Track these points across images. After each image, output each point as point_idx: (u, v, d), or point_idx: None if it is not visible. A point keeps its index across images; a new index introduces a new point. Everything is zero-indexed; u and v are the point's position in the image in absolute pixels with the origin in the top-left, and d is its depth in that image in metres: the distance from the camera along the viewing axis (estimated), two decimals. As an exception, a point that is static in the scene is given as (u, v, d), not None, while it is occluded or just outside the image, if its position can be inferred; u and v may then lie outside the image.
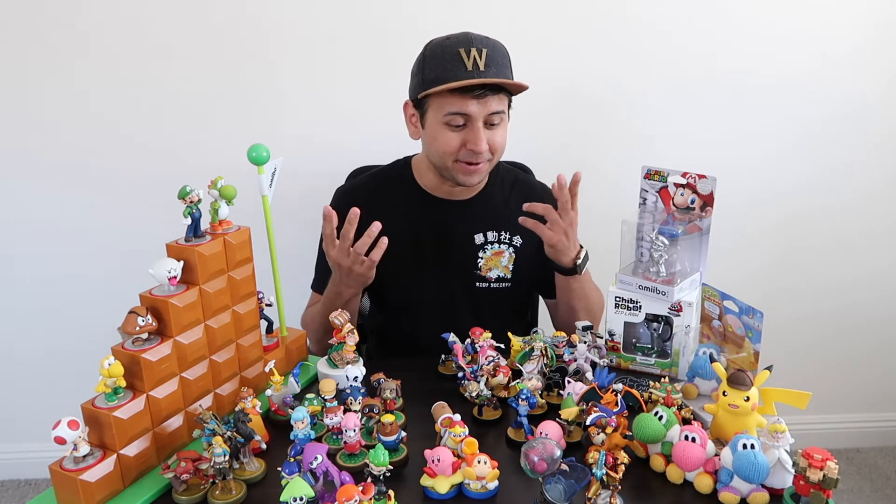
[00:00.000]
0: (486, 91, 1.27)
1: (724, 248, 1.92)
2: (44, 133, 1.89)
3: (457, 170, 1.36)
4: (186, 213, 1.03)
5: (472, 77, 1.25)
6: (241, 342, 1.13)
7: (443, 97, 1.29)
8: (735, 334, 1.17)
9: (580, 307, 1.42)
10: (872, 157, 2.05)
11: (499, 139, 1.34)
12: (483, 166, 1.36)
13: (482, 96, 1.27)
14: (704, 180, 1.22)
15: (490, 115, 1.30)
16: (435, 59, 1.31)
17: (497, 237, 1.46)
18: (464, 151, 1.32)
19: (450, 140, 1.32)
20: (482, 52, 1.27)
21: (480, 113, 1.29)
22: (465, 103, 1.28)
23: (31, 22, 1.80)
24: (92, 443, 0.91)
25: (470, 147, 1.31)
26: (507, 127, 1.38)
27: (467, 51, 1.27)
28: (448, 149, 1.33)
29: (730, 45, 1.92)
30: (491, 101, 1.29)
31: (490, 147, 1.33)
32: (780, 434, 0.93)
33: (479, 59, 1.26)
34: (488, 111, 1.29)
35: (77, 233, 1.97)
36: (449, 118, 1.30)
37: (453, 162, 1.35)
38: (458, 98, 1.28)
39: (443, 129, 1.32)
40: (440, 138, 1.33)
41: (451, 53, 1.28)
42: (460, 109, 1.29)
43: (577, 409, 1.04)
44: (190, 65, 1.85)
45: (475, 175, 1.37)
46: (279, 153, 1.19)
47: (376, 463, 0.89)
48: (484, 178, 1.44)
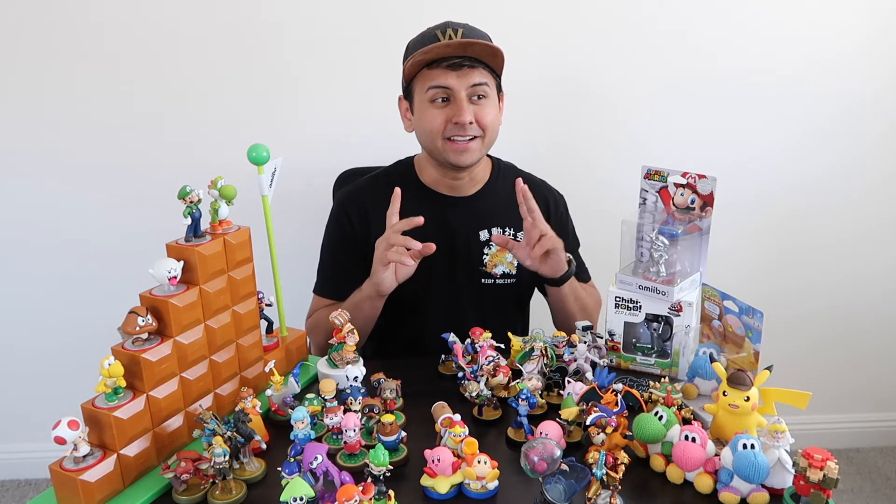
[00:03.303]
0: (464, 62, 1.29)
1: (724, 248, 1.92)
2: (44, 133, 1.89)
3: (447, 149, 1.36)
4: (186, 213, 1.03)
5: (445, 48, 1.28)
6: (241, 342, 1.13)
7: (423, 75, 1.32)
8: (735, 334, 1.17)
9: (574, 310, 1.42)
10: (872, 157, 2.05)
11: (488, 116, 1.35)
12: (473, 144, 1.35)
13: (458, 67, 1.29)
14: (704, 180, 1.22)
15: (473, 88, 1.32)
16: (414, 44, 1.35)
17: (502, 233, 1.46)
18: (450, 126, 1.33)
19: (435, 117, 1.33)
20: (458, 30, 1.29)
21: (461, 85, 1.31)
22: (444, 75, 1.30)
23: (32, 22, 1.80)
24: (92, 443, 0.91)
25: (455, 120, 1.32)
26: (498, 108, 1.39)
27: (443, 31, 1.30)
28: (434, 126, 1.34)
29: (730, 44, 1.92)
30: (471, 73, 1.31)
31: (478, 122, 1.33)
32: (780, 434, 0.93)
33: (455, 35, 1.29)
34: (470, 83, 1.31)
35: (77, 232, 1.97)
36: (431, 93, 1.32)
37: (443, 141, 1.35)
38: (435, 71, 1.31)
39: (428, 108, 1.34)
40: (426, 117, 1.35)
41: (429, 35, 1.32)
42: (439, 82, 1.31)
43: (577, 409, 1.04)
44: (190, 65, 1.85)
45: (466, 154, 1.36)
46: (279, 153, 1.19)
47: (376, 463, 0.89)
48: (479, 163, 1.43)
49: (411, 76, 1.37)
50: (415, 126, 1.41)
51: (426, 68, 1.33)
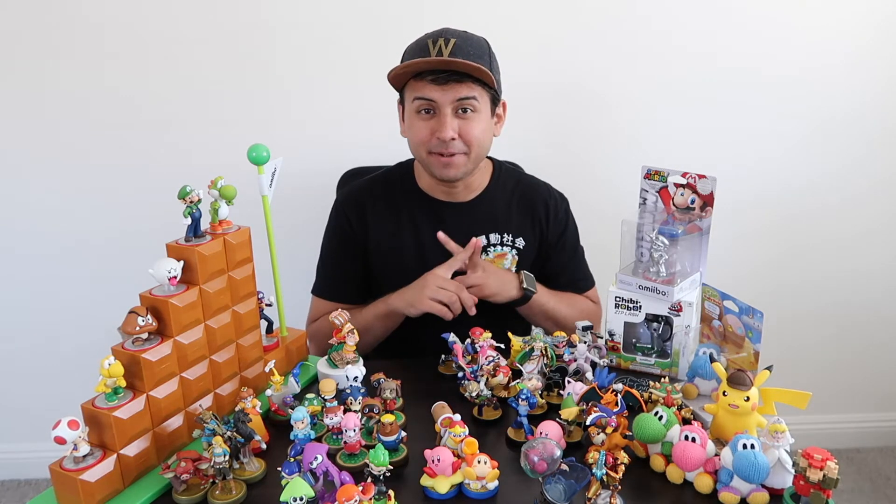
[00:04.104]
0: (449, 77, 1.26)
1: (724, 248, 1.92)
2: (44, 133, 1.89)
3: (431, 163, 1.35)
4: (186, 213, 1.03)
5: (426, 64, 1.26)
6: (241, 342, 1.13)
7: (411, 85, 1.31)
8: (735, 334, 1.17)
9: (559, 317, 1.42)
10: (872, 157, 2.05)
11: (474, 131, 1.31)
12: (457, 159, 1.33)
13: (443, 81, 1.27)
14: (704, 180, 1.22)
15: (459, 102, 1.29)
16: (407, 53, 1.33)
17: (500, 239, 1.46)
18: (434, 141, 1.31)
19: (420, 129, 1.32)
20: (450, 41, 1.26)
21: (446, 99, 1.28)
22: (427, 88, 1.28)
23: (32, 22, 1.80)
24: (92, 443, 0.91)
25: (437, 135, 1.29)
26: (492, 121, 1.37)
27: (435, 40, 1.27)
28: (418, 137, 1.33)
29: (730, 44, 1.92)
30: (458, 87, 1.27)
31: (463, 138, 1.31)
32: (780, 434, 0.93)
33: (445, 47, 1.26)
34: (455, 97, 1.28)
35: (77, 232, 1.97)
36: (416, 104, 1.31)
37: (427, 154, 1.34)
38: (420, 83, 1.29)
39: (415, 119, 1.33)
40: (413, 128, 1.34)
41: (421, 44, 1.29)
42: (423, 94, 1.29)
43: (577, 409, 1.04)
44: (190, 65, 1.85)
45: (449, 168, 1.34)
46: (279, 153, 1.19)
47: (376, 463, 0.89)
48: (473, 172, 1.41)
49: (401, 84, 1.35)
50: (406, 135, 1.40)
51: (413, 78, 1.31)
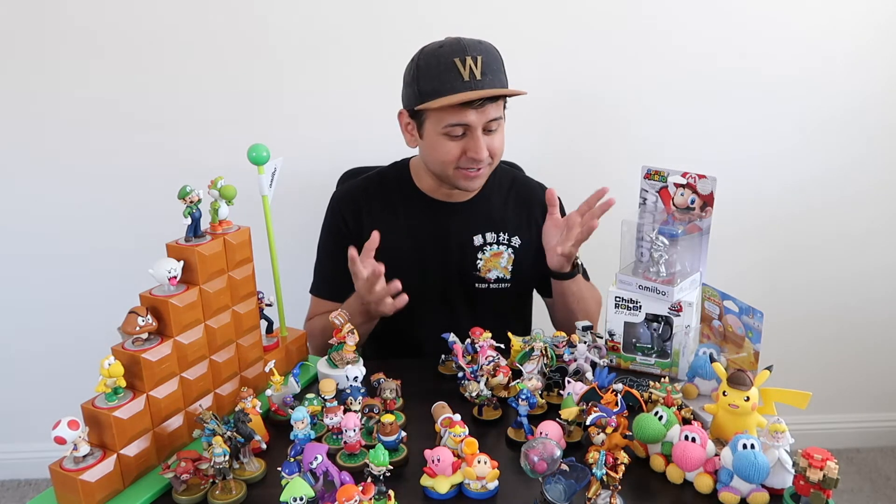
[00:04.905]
0: (486, 101, 1.27)
1: (724, 248, 1.92)
2: (44, 133, 1.89)
3: (458, 177, 1.36)
4: (186, 213, 1.03)
5: (470, 88, 1.25)
6: (241, 342, 1.13)
7: (441, 109, 1.28)
8: (735, 334, 1.17)
9: (578, 309, 1.42)
10: (872, 157, 2.05)
11: (497, 144, 1.35)
12: (484, 171, 1.37)
13: (480, 106, 1.27)
14: (704, 180, 1.22)
15: (488, 122, 1.30)
16: (430, 70, 1.29)
17: (496, 238, 1.46)
18: (464, 159, 1.33)
19: (450, 150, 1.32)
20: (477, 59, 1.26)
21: (479, 121, 1.29)
22: (465, 114, 1.28)
23: (33, 22, 1.80)
24: (92, 443, 0.91)
25: (471, 155, 1.31)
26: (504, 129, 1.38)
27: (462, 60, 1.26)
28: (449, 158, 1.33)
29: (730, 44, 1.92)
30: (489, 109, 1.29)
31: (490, 152, 1.34)
32: (780, 434, 0.93)
33: (475, 67, 1.26)
34: (487, 119, 1.30)
35: (77, 232, 1.97)
36: (449, 129, 1.30)
37: (454, 170, 1.35)
38: (457, 110, 1.27)
39: (442, 140, 1.32)
40: (440, 149, 1.33)
41: (447, 64, 1.26)
42: (460, 121, 1.28)
43: (577, 409, 1.04)
44: (190, 65, 1.85)
45: (477, 180, 1.38)
46: (279, 153, 1.19)
47: (376, 463, 0.89)
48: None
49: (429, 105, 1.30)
50: (423, 150, 1.39)
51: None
